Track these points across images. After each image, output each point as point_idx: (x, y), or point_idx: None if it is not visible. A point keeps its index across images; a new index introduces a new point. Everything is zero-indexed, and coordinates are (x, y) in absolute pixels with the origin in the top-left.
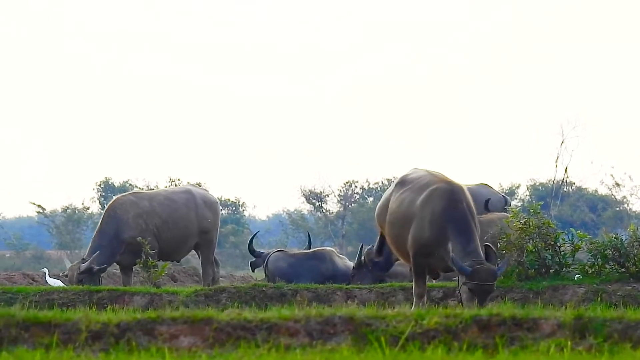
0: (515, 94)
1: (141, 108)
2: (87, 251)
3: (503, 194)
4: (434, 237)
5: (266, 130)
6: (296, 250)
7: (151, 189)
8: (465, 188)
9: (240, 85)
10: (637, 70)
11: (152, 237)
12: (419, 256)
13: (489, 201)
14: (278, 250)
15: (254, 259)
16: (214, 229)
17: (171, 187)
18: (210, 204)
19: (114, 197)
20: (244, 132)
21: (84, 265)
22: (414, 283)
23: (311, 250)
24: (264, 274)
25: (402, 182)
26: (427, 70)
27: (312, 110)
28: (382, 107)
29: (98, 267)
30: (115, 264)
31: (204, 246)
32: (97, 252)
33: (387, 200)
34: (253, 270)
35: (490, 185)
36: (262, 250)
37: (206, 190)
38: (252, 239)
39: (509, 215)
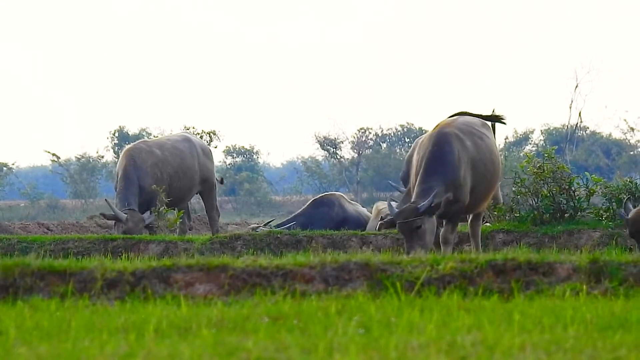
0: (530, 39)
1: (155, 56)
2: (119, 201)
3: None
4: None
5: (280, 77)
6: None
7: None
8: (454, 134)
9: (254, 31)
10: None
11: (166, 185)
12: None
13: None
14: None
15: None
16: (212, 177)
17: (168, 135)
18: (207, 153)
19: (127, 147)
20: (258, 79)
21: (151, 217)
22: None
23: (318, 196)
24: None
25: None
26: (441, 16)
27: (326, 56)
28: (396, 53)
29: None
30: None
31: (206, 194)
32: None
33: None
34: None
35: None
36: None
37: (200, 138)
38: None
39: None
